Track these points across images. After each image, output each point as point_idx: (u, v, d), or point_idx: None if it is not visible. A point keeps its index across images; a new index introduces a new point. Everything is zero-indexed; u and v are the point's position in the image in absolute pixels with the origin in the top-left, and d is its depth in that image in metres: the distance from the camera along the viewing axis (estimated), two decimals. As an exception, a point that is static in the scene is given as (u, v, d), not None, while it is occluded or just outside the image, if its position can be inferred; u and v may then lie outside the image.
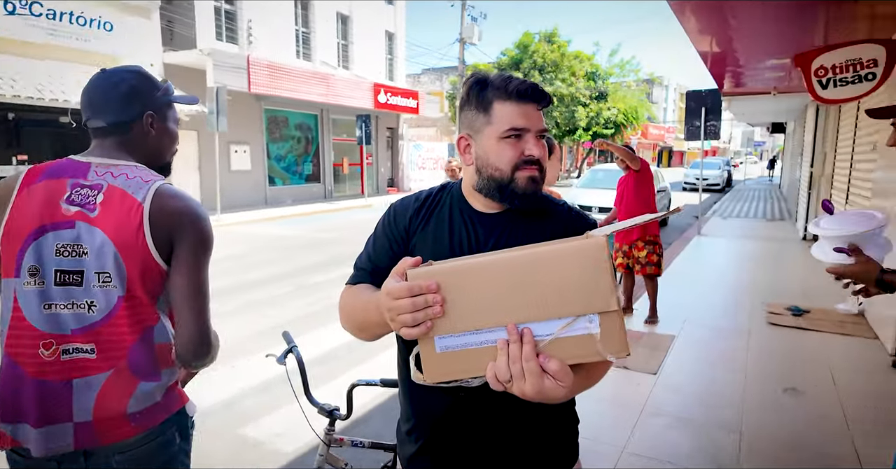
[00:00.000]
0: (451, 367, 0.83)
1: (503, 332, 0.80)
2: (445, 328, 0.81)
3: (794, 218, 10.96)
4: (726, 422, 2.88)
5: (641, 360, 3.70)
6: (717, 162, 23.73)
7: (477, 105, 1.02)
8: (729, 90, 9.69)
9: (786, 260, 7.59)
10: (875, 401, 3.13)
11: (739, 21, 4.69)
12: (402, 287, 0.81)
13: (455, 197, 1.12)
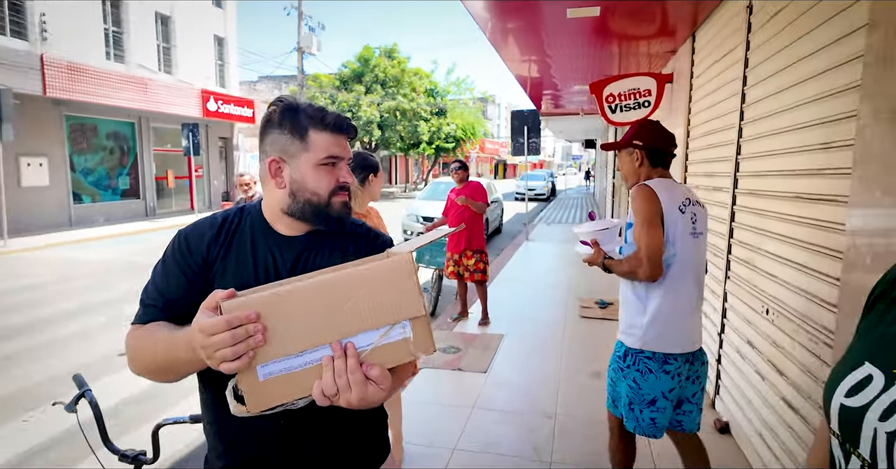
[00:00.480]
0: (276, 393, 0.83)
1: (325, 349, 0.83)
2: (267, 355, 0.82)
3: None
4: (544, 408, 3.22)
5: (473, 361, 3.95)
6: (542, 174, 26.32)
7: (291, 131, 1.04)
8: (546, 111, 10.89)
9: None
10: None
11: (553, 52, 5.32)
12: (220, 321, 0.79)
13: (255, 221, 1.10)
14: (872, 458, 0.59)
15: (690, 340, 1.95)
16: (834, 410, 0.65)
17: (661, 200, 1.89)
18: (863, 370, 0.65)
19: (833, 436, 0.67)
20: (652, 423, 1.92)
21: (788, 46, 2.33)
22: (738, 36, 3.02)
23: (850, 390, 0.64)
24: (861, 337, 0.71)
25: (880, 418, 0.59)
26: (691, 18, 3.96)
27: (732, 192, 3.01)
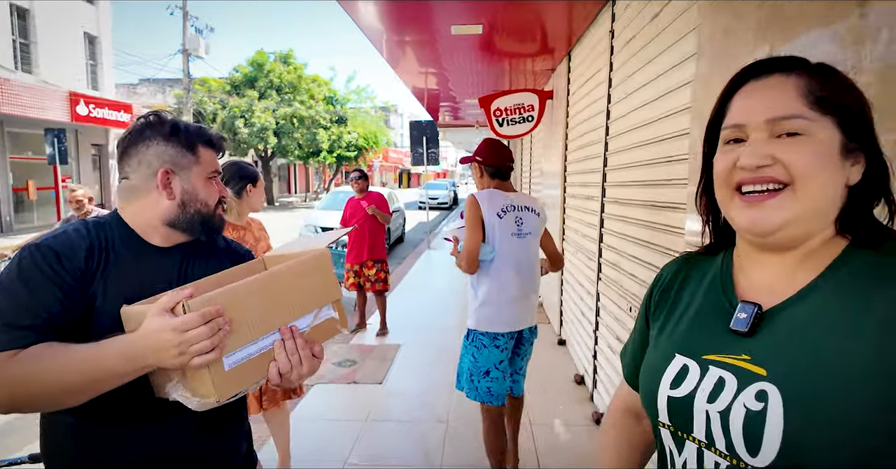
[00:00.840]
0: (240, 379, 0.93)
1: (274, 335, 0.97)
2: (230, 346, 0.91)
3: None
4: (438, 414, 3.27)
5: (369, 373, 3.93)
6: (445, 183, 26.83)
7: (183, 144, 1.08)
8: (444, 122, 11.15)
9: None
10: (546, 371, 3.95)
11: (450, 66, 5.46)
12: (194, 317, 0.85)
13: (122, 234, 1.07)
14: (709, 438, 0.65)
15: (514, 321, 2.33)
16: (662, 404, 0.71)
17: (482, 208, 2.27)
18: (676, 362, 0.72)
19: (663, 428, 0.72)
20: (488, 391, 2.31)
21: (639, 70, 2.59)
22: (604, 58, 3.32)
23: (673, 382, 0.71)
24: (659, 334, 0.79)
25: (708, 400, 0.66)
26: (566, 39, 4.28)
27: (601, 200, 3.28)
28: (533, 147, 7.55)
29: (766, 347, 0.65)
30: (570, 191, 4.38)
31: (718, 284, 0.74)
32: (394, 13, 3.72)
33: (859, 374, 0.58)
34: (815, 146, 0.63)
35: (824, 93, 0.65)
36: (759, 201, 0.65)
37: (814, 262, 0.66)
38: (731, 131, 0.69)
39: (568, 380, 3.81)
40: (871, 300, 0.60)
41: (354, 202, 4.95)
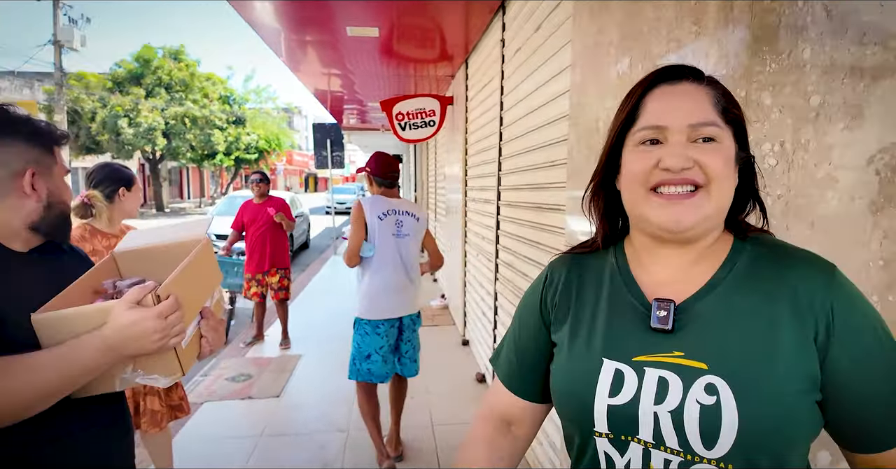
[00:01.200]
0: (190, 355, 1.07)
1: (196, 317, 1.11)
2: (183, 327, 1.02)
3: (410, 234, 13.15)
4: (338, 424, 3.20)
5: (266, 386, 3.76)
6: (353, 187, 26.44)
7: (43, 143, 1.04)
8: (350, 125, 10.99)
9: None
10: (450, 372, 4.01)
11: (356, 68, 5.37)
12: (172, 302, 0.96)
13: None
14: (657, 438, 0.65)
15: (392, 310, 2.66)
16: (601, 413, 0.68)
17: (365, 211, 2.62)
18: (608, 368, 0.69)
19: (599, 437, 0.69)
20: (368, 371, 2.64)
21: (526, 79, 2.72)
22: (496, 66, 3.44)
23: (612, 391, 0.68)
24: (573, 338, 0.75)
25: (655, 403, 0.65)
26: (463, 47, 4.39)
27: (497, 203, 3.40)
28: (437, 152, 7.66)
29: (695, 342, 0.66)
30: (471, 194, 4.50)
31: (621, 283, 0.74)
32: (290, 13, 3.62)
33: (782, 356, 0.63)
34: (724, 152, 0.68)
35: (728, 105, 0.71)
36: (680, 200, 0.67)
37: (710, 256, 0.71)
38: (649, 132, 0.70)
39: (470, 379, 3.89)
40: (772, 287, 0.67)
41: (254, 207, 4.66)
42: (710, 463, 0.62)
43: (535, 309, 0.82)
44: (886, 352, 0.64)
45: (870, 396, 0.64)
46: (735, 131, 0.71)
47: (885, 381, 0.64)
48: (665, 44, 1.32)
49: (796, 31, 0.99)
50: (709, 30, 1.14)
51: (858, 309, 0.65)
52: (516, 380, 0.85)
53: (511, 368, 0.86)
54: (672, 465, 0.64)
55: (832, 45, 0.99)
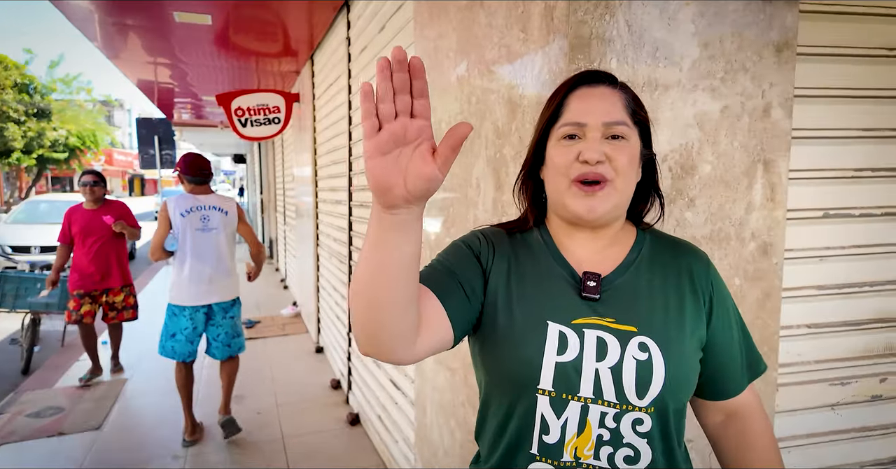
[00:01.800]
0: None
1: None
2: None
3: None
4: (173, 450, 2.88)
5: (81, 418, 3.24)
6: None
7: None
8: (183, 121, 9.98)
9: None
10: (302, 382, 3.84)
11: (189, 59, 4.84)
12: None
13: None
14: (596, 393, 0.74)
15: (198, 297, 2.93)
16: (548, 370, 0.74)
17: (169, 209, 2.90)
18: (552, 330, 0.76)
19: (541, 395, 0.75)
20: (172, 349, 2.93)
21: (372, 79, 2.71)
22: (343, 64, 3.38)
23: (559, 349, 0.75)
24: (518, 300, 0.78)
25: (597, 360, 0.74)
26: (308, 43, 4.24)
27: (349, 204, 3.33)
28: (284, 152, 7.31)
29: (622, 309, 0.77)
30: (322, 195, 4.36)
31: (551, 258, 0.83)
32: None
33: (688, 322, 0.79)
34: (631, 150, 0.79)
35: (636, 108, 0.82)
36: (593, 192, 0.77)
37: (619, 242, 0.84)
38: (571, 128, 0.79)
39: (324, 386, 3.76)
40: (673, 267, 0.82)
41: (86, 214, 3.82)
42: (639, 410, 0.74)
43: (471, 254, 0.83)
44: (737, 317, 0.86)
45: (729, 351, 0.83)
46: (641, 131, 0.82)
47: (736, 339, 0.84)
48: (497, 49, 1.40)
49: (605, 43, 1.12)
50: (534, 37, 1.23)
51: (723, 285, 0.85)
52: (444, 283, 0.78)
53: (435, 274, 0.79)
54: (607, 417, 0.74)
55: (633, 57, 1.13)
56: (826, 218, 1.33)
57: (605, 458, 0.74)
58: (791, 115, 1.22)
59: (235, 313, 3.09)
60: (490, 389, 0.83)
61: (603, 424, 0.74)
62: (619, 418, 0.74)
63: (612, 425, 0.74)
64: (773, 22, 1.18)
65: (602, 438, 0.74)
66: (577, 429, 0.74)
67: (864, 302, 1.37)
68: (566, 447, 0.75)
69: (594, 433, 0.74)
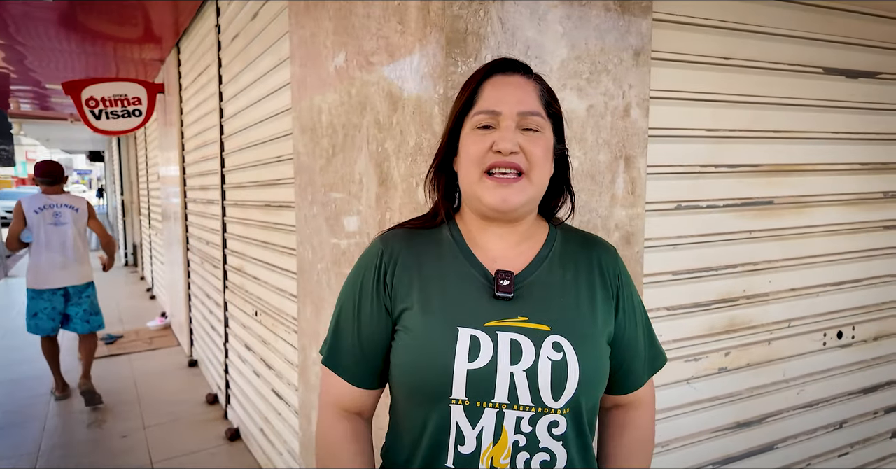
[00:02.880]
0: None
1: None
2: None
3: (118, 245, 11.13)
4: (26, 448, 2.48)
5: None
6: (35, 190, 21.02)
7: None
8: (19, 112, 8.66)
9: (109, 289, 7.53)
10: (174, 399, 3.49)
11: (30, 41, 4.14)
12: None
13: None
14: (512, 398, 0.71)
15: (51, 281, 3.45)
16: (460, 378, 0.71)
17: (23, 206, 3.44)
18: (464, 335, 0.73)
19: (455, 404, 0.72)
20: (36, 326, 3.46)
21: (245, 69, 2.54)
22: (212, 53, 3.13)
23: (470, 355, 0.71)
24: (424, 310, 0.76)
25: (511, 363, 0.72)
26: (172, 29, 3.87)
27: (222, 203, 3.10)
28: (148, 148, 6.64)
29: (535, 307, 0.75)
30: (191, 195, 4.01)
31: (462, 257, 0.80)
32: None
33: (599, 317, 0.78)
34: (545, 142, 0.77)
35: (550, 100, 0.80)
36: (508, 183, 0.75)
37: (532, 237, 0.82)
38: (485, 117, 0.76)
39: (199, 402, 3.46)
40: (584, 261, 0.82)
41: None
42: (554, 412, 0.72)
43: (372, 291, 0.81)
44: (642, 310, 0.88)
45: (634, 346, 0.84)
46: (554, 124, 0.81)
47: (641, 333, 0.86)
48: (375, 41, 1.36)
49: (480, 39, 1.13)
50: (411, 29, 1.21)
51: (629, 278, 0.87)
52: (362, 373, 0.82)
53: (355, 362, 0.82)
54: (523, 422, 0.72)
55: (507, 54, 1.16)
56: (679, 209, 1.47)
57: (521, 465, 0.72)
58: (648, 114, 1.33)
59: (91, 294, 3.65)
60: (402, 403, 0.80)
61: (519, 430, 0.72)
62: (535, 422, 0.72)
63: (528, 429, 0.72)
64: (631, 28, 1.28)
65: (518, 445, 0.72)
66: (492, 437, 0.72)
67: (709, 284, 1.53)
68: (482, 457, 0.72)
69: (510, 440, 0.72)
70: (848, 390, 1.82)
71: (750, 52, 1.50)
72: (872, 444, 1.90)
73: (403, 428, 0.80)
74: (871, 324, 1.84)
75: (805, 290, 1.69)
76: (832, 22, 1.60)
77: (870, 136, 1.74)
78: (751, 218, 1.58)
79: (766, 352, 1.66)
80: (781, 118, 1.58)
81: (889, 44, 1.70)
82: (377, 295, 0.80)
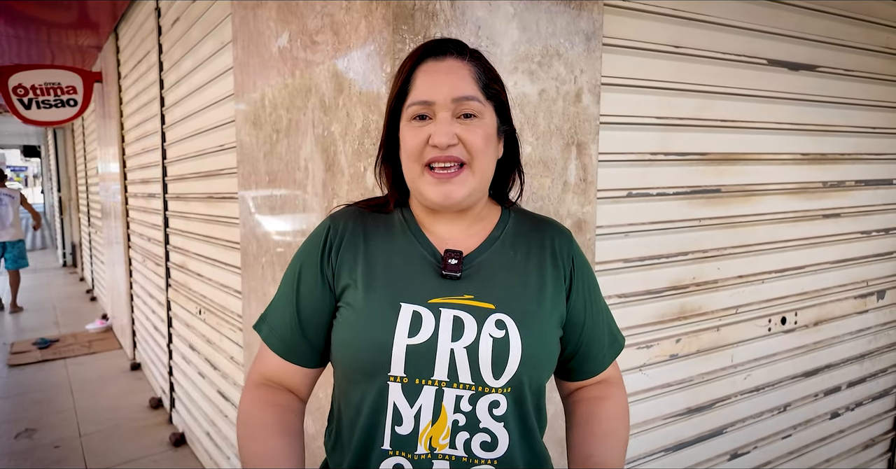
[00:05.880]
0: None
1: None
2: None
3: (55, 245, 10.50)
4: None
5: None
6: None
7: None
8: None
9: (45, 291, 7.09)
10: (114, 405, 3.30)
11: None
12: None
13: None
14: (452, 375, 0.69)
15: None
16: (399, 354, 0.69)
17: None
18: (406, 311, 0.71)
19: (393, 382, 0.69)
20: None
21: (187, 54, 2.41)
22: (152, 38, 2.96)
23: (410, 331, 0.69)
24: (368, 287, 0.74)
25: (453, 339, 0.70)
26: (109, 12, 3.65)
27: (164, 197, 2.94)
28: (86, 141, 6.27)
29: (481, 286, 0.74)
30: (132, 189, 3.80)
31: (412, 237, 0.78)
32: None
33: (548, 298, 0.76)
34: (485, 128, 0.73)
35: (489, 81, 0.75)
36: (448, 178, 0.72)
37: (483, 220, 0.81)
38: (419, 107, 0.72)
39: (142, 407, 3.28)
40: (536, 241, 0.80)
41: None
42: (495, 391, 0.70)
43: (315, 266, 0.78)
44: (597, 291, 0.86)
45: (592, 329, 0.82)
46: (496, 106, 0.76)
47: (599, 316, 0.84)
48: (320, 19, 1.30)
49: (428, 16, 1.08)
50: (357, 6, 1.15)
51: (586, 262, 0.85)
52: (295, 347, 0.79)
53: (291, 336, 0.79)
54: (463, 401, 0.69)
55: (457, 33, 1.11)
56: (630, 197, 1.46)
57: (461, 446, 0.70)
58: (599, 101, 1.31)
59: (20, 246, 5.68)
60: (341, 383, 0.78)
61: (458, 409, 0.69)
62: (475, 401, 0.70)
63: (468, 409, 0.70)
64: (582, 12, 1.26)
65: (458, 424, 0.70)
66: (431, 416, 0.69)
67: (660, 272, 1.54)
68: (420, 438, 0.69)
69: (449, 419, 0.69)
70: (791, 374, 1.88)
71: (699, 41, 1.52)
72: (813, 426, 1.97)
73: (341, 412, 0.77)
74: (811, 309, 1.90)
75: (751, 277, 1.73)
76: (778, 15, 1.64)
77: (809, 127, 1.79)
78: (700, 206, 1.60)
79: (715, 338, 1.68)
80: (728, 108, 1.61)
81: (827, 38, 1.76)
82: (320, 270, 0.78)
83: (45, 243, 12.16)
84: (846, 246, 1.96)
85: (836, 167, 1.89)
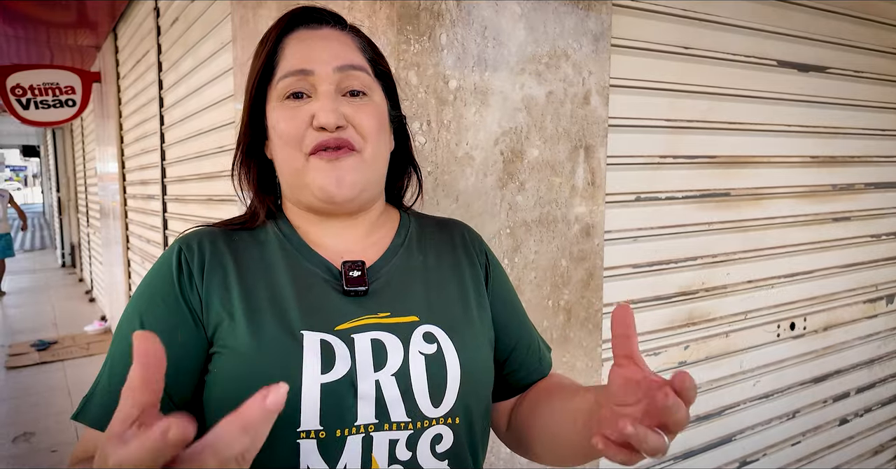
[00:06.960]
0: None
1: None
2: None
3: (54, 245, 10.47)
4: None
5: None
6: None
7: None
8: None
9: (43, 292, 7.06)
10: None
11: None
12: None
13: None
14: (381, 415, 0.54)
15: None
16: (312, 399, 0.52)
17: None
18: (311, 341, 0.54)
19: (305, 439, 0.52)
20: None
21: (186, 54, 2.38)
22: (151, 38, 2.93)
23: (323, 366, 0.53)
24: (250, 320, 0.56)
25: (376, 369, 0.55)
26: (108, 12, 3.62)
27: (163, 198, 2.91)
28: (85, 141, 6.25)
29: (396, 300, 0.61)
30: (131, 191, 3.77)
31: (296, 254, 0.62)
32: None
33: (472, 304, 0.66)
34: (377, 109, 0.62)
35: (375, 56, 0.65)
36: (336, 158, 0.58)
37: (381, 226, 0.68)
38: (293, 80, 0.59)
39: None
40: (445, 241, 0.70)
41: None
42: (436, 423, 0.57)
43: (176, 301, 0.57)
44: (512, 290, 0.76)
45: (517, 329, 0.72)
46: (385, 86, 0.66)
47: (523, 313, 0.75)
48: (322, 19, 1.26)
49: (434, 16, 1.05)
50: (360, 5, 1.12)
51: (496, 258, 0.76)
52: None
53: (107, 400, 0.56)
54: (399, 446, 0.55)
55: (463, 34, 1.08)
56: (638, 201, 1.43)
57: None
58: (608, 103, 1.28)
59: (7, 238, 6.40)
60: None
61: (394, 458, 0.54)
62: (415, 442, 0.55)
63: (407, 456, 0.55)
64: (591, 12, 1.23)
65: None
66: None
67: (670, 277, 1.51)
68: None
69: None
70: (800, 380, 1.85)
71: (708, 42, 1.49)
72: (822, 432, 1.94)
73: None
74: (820, 314, 1.87)
75: (761, 282, 1.70)
76: (788, 16, 1.61)
77: (819, 129, 1.76)
78: (709, 210, 1.57)
79: (723, 344, 1.65)
80: (737, 110, 1.58)
81: (838, 39, 1.73)
82: (183, 303, 0.57)
83: (45, 243, 12.13)
84: (855, 250, 1.93)
85: (845, 170, 1.86)
